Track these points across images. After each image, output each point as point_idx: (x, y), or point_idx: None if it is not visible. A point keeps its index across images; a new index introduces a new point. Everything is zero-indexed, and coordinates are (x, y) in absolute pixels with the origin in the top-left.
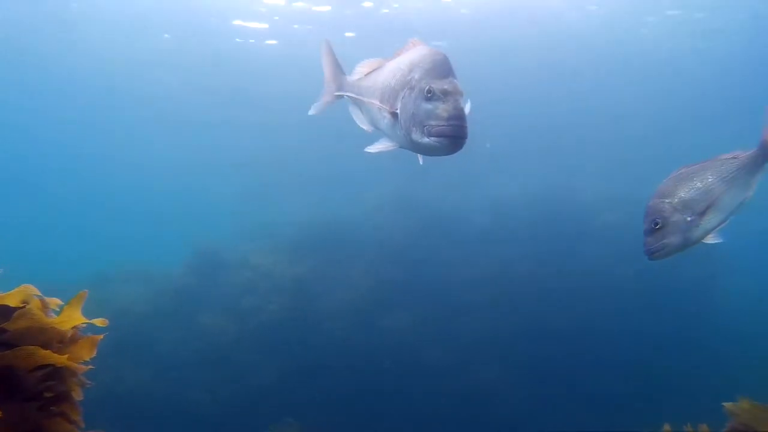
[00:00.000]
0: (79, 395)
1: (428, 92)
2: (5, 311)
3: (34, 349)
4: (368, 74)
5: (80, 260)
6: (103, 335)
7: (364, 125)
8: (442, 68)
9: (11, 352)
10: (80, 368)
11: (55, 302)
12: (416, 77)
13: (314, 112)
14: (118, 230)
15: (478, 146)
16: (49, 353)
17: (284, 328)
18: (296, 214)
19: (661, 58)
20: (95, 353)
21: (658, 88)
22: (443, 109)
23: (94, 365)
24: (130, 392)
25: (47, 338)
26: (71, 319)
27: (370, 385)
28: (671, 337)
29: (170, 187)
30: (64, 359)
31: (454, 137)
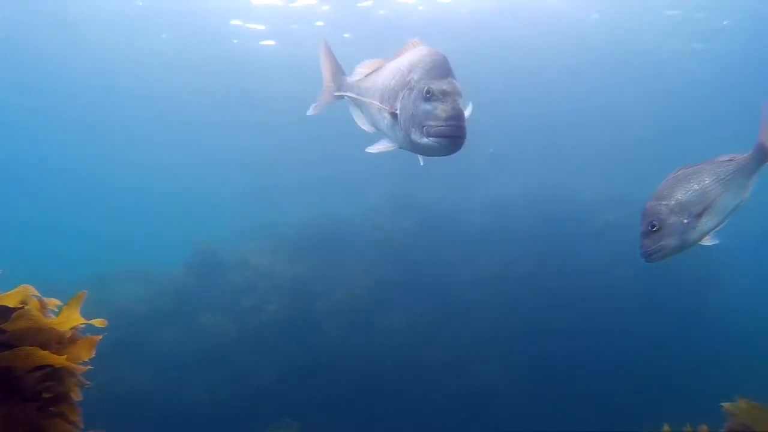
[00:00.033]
0: (78, 396)
1: (427, 93)
2: (4, 312)
3: (32, 349)
4: (368, 75)
5: (80, 260)
6: (102, 335)
7: (364, 126)
8: (441, 69)
9: (10, 352)
10: (79, 369)
11: (54, 303)
12: (415, 78)
13: (313, 112)
14: (117, 230)
15: (478, 147)
16: (47, 354)
17: (284, 328)
18: (296, 214)
19: (660, 58)
20: (94, 353)
21: (657, 88)
22: (442, 109)
23: (93, 365)
24: (129, 392)
25: (46, 339)
26: (70, 319)
27: (369, 385)
28: (671, 337)
29: (170, 187)
30: (62, 360)
31: (452, 137)
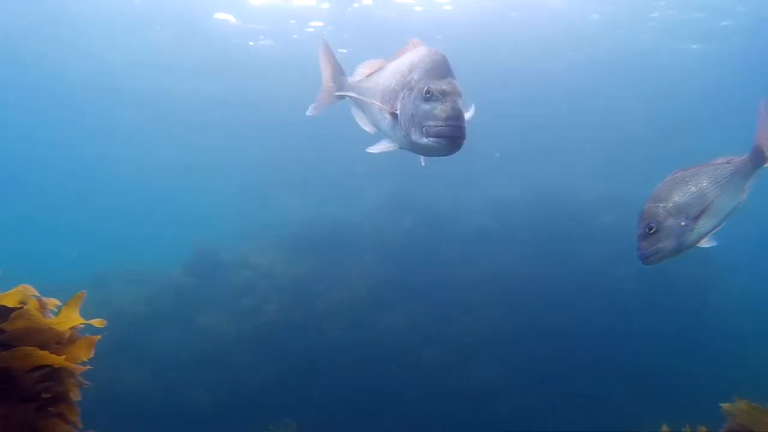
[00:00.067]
0: (77, 396)
1: (426, 93)
2: (3, 311)
3: (31, 349)
4: (370, 75)
5: (79, 260)
6: (101, 335)
7: (366, 126)
8: (440, 69)
9: (8, 352)
10: (78, 369)
11: (53, 302)
12: (415, 78)
13: (312, 112)
14: (117, 230)
15: (478, 147)
16: (46, 354)
17: (283, 328)
18: (296, 214)
19: (660, 58)
20: (93, 354)
21: (657, 88)
22: (441, 109)
23: (92, 365)
24: (129, 392)
25: (45, 339)
26: (69, 319)
27: (369, 385)
28: (670, 337)
29: (170, 187)
30: (61, 360)
31: (451, 138)
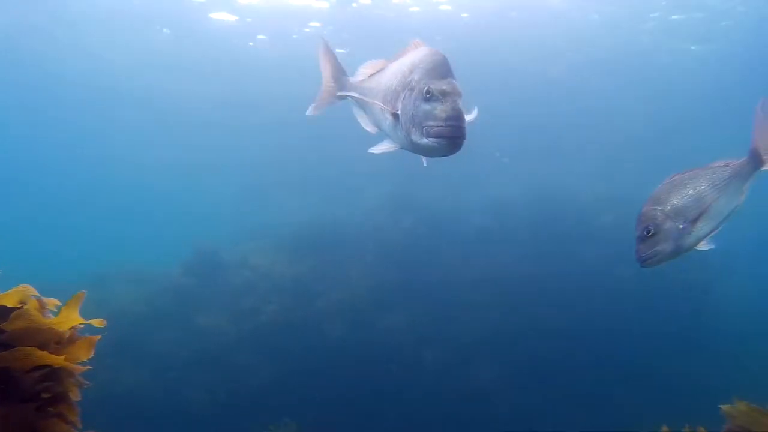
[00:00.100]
0: (76, 396)
1: (427, 93)
2: (3, 311)
3: (31, 349)
4: (372, 75)
5: (79, 260)
6: (100, 336)
7: (368, 127)
8: (441, 69)
9: (8, 352)
10: (78, 369)
11: (53, 302)
12: (416, 78)
13: (313, 112)
14: (117, 230)
15: (478, 147)
16: (46, 354)
17: (283, 328)
18: (296, 214)
19: (660, 59)
20: (93, 354)
21: (657, 89)
22: (441, 109)
23: (92, 365)
24: (128, 392)
25: (44, 339)
26: (69, 319)
27: (369, 385)
28: (670, 337)
29: (169, 187)
30: (61, 360)
31: (451, 138)
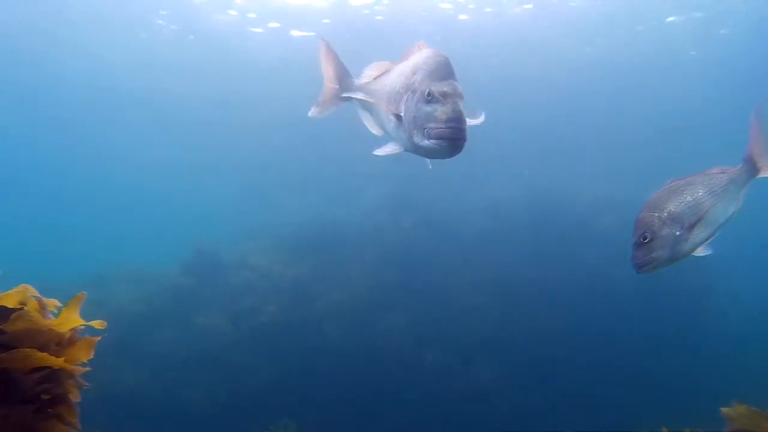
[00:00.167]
0: (76, 397)
1: (428, 95)
2: (3, 312)
3: (30, 351)
4: (377, 77)
5: (79, 260)
6: (100, 337)
7: (373, 128)
8: (442, 71)
9: (8, 354)
10: (77, 370)
11: (53, 303)
12: (418, 80)
13: (315, 114)
14: (117, 230)
15: (478, 148)
16: (45, 355)
17: (283, 328)
18: (296, 214)
19: (660, 60)
20: (93, 355)
21: (657, 90)
22: (442, 111)
23: (91, 365)
24: (128, 392)
25: (44, 340)
26: (69, 320)
27: (369, 385)
28: (670, 339)
29: (169, 187)
30: (61, 362)
31: (452, 140)
